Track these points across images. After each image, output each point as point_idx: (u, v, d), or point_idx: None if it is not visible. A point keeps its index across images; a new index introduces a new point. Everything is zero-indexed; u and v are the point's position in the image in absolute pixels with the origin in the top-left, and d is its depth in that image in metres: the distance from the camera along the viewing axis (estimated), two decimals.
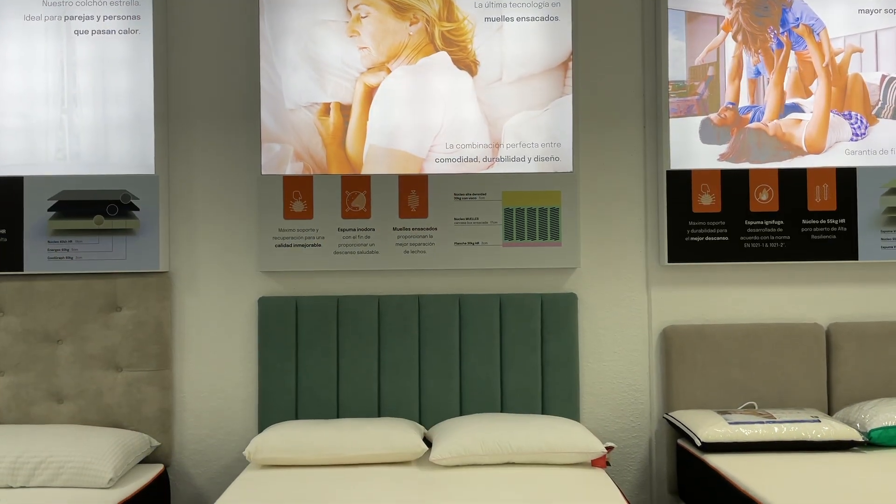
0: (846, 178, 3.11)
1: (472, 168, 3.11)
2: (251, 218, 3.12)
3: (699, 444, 2.71)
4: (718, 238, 3.11)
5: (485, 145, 3.11)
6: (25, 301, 2.98)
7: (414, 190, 3.10)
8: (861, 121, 3.13)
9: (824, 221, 3.11)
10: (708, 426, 2.73)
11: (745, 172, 3.11)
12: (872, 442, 2.73)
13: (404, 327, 3.05)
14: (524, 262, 3.10)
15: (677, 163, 3.10)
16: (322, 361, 3.03)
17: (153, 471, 2.83)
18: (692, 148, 3.11)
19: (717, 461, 2.63)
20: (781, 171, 3.11)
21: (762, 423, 2.73)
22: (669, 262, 3.11)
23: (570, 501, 2.29)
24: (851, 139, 3.12)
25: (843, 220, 3.11)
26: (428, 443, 2.79)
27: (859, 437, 2.70)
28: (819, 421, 2.74)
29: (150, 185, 3.03)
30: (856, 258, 3.10)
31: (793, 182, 3.11)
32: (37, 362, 2.98)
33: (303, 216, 3.08)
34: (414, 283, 3.13)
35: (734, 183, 3.11)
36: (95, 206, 3.01)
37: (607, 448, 2.68)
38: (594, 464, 2.65)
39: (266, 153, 3.07)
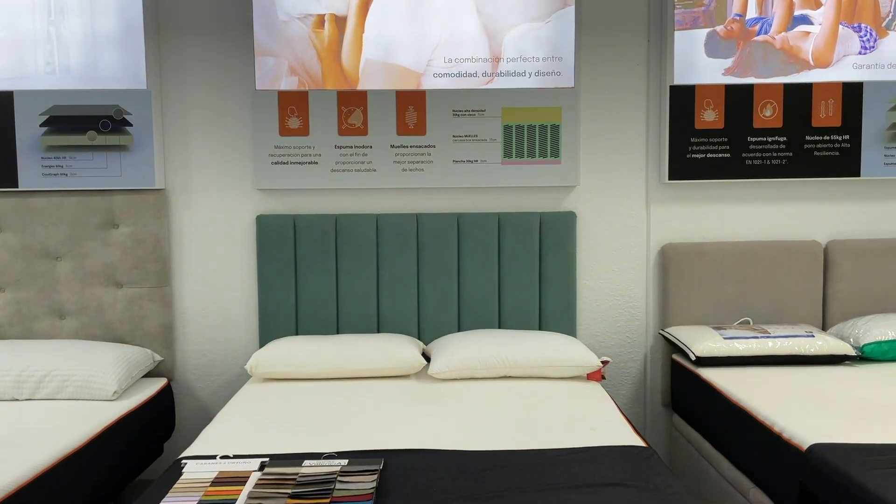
0: (852, 93, 3.04)
1: (471, 84, 3.04)
2: (246, 134, 3.08)
3: (693, 358, 2.75)
4: (720, 155, 3.07)
5: (484, 59, 3.03)
6: (22, 218, 2.97)
7: (412, 106, 3.04)
8: (871, 33, 3.04)
9: (828, 138, 3.07)
10: (703, 341, 2.77)
11: (750, 87, 3.04)
12: (865, 356, 2.77)
13: (403, 245, 3.05)
14: (523, 180, 3.07)
15: (681, 77, 3.03)
16: (321, 279, 3.04)
17: (157, 384, 2.88)
18: (697, 62, 3.04)
19: (710, 374, 2.67)
20: (786, 87, 3.04)
21: (757, 337, 2.76)
22: (670, 179, 3.08)
23: (565, 412, 2.33)
24: (860, 52, 3.04)
25: (846, 137, 3.06)
26: (427, 358, 2.84)
27: (852, 352, 2.74)
28: (813, 336, 2.77)
29: (142, 100, 2.97)
30: (858, 175, 3.07)
31: (798, 97, 3.05)
32: (37, 279, 2.99)
33: (299, 133, 3.03)
34: (412, 202, 3.11)
35: (738, 98, 3.04)
36: (88, 122, 2.96)
37: (603, 362, 2.72)
38: (590, 377, 2.70)
39: (260, 67, 3.00)
